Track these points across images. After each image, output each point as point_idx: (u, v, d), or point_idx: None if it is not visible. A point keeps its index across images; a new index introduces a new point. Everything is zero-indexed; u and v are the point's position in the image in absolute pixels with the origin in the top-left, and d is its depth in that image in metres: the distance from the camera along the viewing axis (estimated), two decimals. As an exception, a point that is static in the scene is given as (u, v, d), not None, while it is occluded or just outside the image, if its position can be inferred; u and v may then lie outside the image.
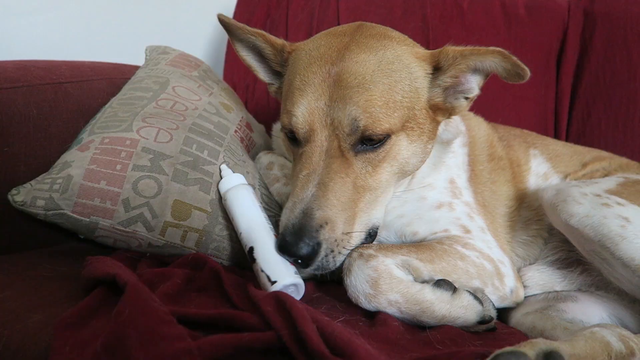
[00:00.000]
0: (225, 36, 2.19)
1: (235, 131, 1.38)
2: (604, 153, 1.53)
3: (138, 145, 1.15)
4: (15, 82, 1.21)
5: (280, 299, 0.80)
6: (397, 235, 1.18)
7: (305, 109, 1.02)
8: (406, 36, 1.17)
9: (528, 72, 1.03)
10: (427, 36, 1.99)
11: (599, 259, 1.08)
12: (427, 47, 1.16)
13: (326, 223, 0.96)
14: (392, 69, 1.03)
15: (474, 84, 1.11)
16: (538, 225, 1.33)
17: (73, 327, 0.79)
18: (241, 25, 1.22)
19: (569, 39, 1.94)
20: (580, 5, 1.97)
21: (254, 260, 1.01)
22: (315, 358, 0.69)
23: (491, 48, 1.04)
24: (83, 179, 1.08)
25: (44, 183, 1.09)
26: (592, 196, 1.08)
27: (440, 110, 1.11)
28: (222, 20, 1.24)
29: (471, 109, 1.57)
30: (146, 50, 1.62)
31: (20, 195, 1.09)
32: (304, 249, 0.95)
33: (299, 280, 0.98)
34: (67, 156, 1.14)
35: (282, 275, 0.97)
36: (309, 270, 1.00)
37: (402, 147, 1.05)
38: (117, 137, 1.16)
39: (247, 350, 0.72)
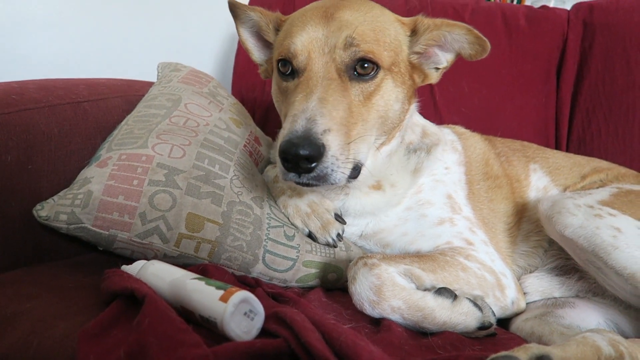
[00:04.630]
0: (233, 50, 2.27)
1: (245, 145, 1.44)
2: (603, 164, 1.55)
3: (153, 161, 1.21)
4: (38, 103, 1.27)
5: (279, 316, 0.84)
6: (401, 253, 1.22)
7: (304, 38, 1.13)
8: None
9: (488, 44, 1.20)
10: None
11: (594, 267, 1.12)
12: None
13: (329, 130, 1.00)
14: (379, 20, 1.18)
15: (442, 58, 1.27)
16: (539, 237, 1.36)
17: (96, 337, 0.82)
18: (241, 4, 1.39)
19: (568, 48, 1.98)
20: (579, 15, 2.01)
21: (189, 321, 0.86)
22: (321, 362, 0.74)
23: (459, 22, 1.22)
24: (102, 194, 1.14)
25: (66, 198, 1.15)
26: (586, 207, 1.12)
27: (416, 70, 1.25)
28: (230, 5, 1.39)
29: (474, 119, 1.60)
30: (158, 67, 1.67)
31: (44, 211, 1.15)
32: (311, 148, 0.97)
33: (242, 295, 0.85)
34: (86, 172, 1.20)
35: (221, 307, 0.83)
36: (310, 177, 1.01)
37: (389, 88, 1.16)
38: (133, 154, 1.22)
39: (260, 356, 0.78)
